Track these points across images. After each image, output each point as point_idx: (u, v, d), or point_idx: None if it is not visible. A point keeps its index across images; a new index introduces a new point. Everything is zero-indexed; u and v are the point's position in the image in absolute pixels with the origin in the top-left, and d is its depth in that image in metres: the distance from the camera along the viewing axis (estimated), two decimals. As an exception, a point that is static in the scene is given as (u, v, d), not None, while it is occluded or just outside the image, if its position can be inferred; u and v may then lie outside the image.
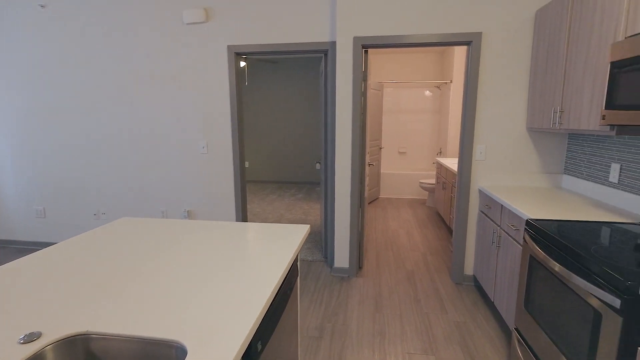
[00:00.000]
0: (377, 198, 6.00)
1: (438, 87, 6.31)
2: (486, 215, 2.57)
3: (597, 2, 1.79)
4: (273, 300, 1.09)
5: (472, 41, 2.59)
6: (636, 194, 1.91)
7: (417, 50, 6.03)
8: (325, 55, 3.01)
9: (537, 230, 1.69)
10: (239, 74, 3.10)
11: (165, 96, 3.23)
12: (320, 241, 3.86)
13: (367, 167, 3.56)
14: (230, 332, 0.81)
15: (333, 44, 2.85)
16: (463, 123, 2.74)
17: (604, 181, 2.17)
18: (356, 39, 2.71)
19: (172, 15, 3.08)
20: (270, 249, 1.35)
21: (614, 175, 2.07)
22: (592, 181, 2.29)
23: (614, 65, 1.57)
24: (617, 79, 1.56)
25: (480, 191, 2.74)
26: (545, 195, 2.31)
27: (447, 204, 4.23)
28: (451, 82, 5.53)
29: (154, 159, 3.35)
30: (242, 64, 5.24)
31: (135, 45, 3.19)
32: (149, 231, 1.58)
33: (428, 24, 2.63)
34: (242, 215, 3.27)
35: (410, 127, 6.55)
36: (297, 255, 1.47)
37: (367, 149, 5.26)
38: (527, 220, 1.80)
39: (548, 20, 2.30)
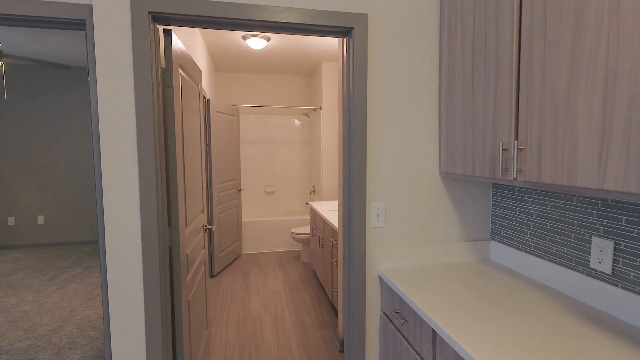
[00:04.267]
0: (239, 256, 4.55)
1: (307, 115, 5.41)
2: (398, 329, 1.44)
3: None
4: None
5: (352, 28, 1.52)
6: (660, 302, 1.03)
7: (280, 69, 5.01)
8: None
9: None
10: None
11: None
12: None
13: (198, 232, 2.12)
14: None
15: (89, 10, 1.40)
16: (347, 169, 1.62)
17: (581, 267, 1.28)
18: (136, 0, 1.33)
19: None
20: None
21: (603, 259, 1.19)
22: (552, 261, 1.40)
23: None
24: None
25: (381, 280, 1.62)
26: (484, 289, 1.31)
27: (326, 267, 3.11)
28: (321, 108, 4.66)
29: None
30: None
31: None
32: None
33: (279, -7, 1.46)
34: None
35: (278, 162, 5.42)
36: None
37: (218, 193, 3.84)
38: None
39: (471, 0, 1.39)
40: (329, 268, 2.97)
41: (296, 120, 5.43)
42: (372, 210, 1.60)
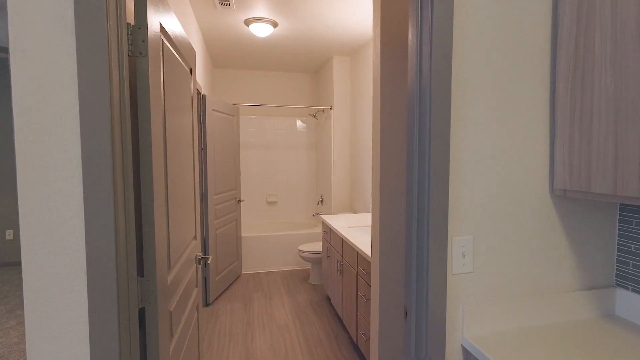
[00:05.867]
0: (239, 277, 3.97)
1: (314, 116, 4.87)
2: None
3: None
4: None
5: (431, -33, 0.98)
6: None
7: (284, 64, 4.47)
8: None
9: None
10: None
11: None
12: None
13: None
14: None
15: None
16: (412, 187, 1.07)
17: None
18: None
19: None
20: None
21: None
22: None
23: None
24: None
25: (467, 353, 1.07)
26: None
27: (348, 299, 2.54)
28: (331, 108, 4.12)
29: None
30: None
31: None
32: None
33: None
34: None
35: (281, 168, 4.87)
36: None
37: (215, 206, 3.23)
38: None
39: None
40: (352, 301, 2.41)
41: (301, 122, 4.89)
42: (455, 248, 1.05)
